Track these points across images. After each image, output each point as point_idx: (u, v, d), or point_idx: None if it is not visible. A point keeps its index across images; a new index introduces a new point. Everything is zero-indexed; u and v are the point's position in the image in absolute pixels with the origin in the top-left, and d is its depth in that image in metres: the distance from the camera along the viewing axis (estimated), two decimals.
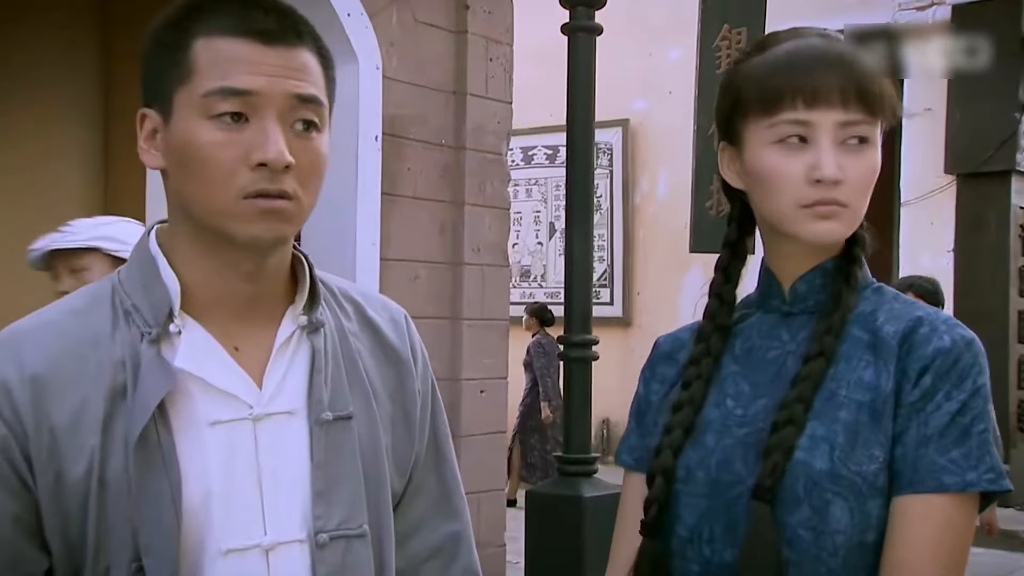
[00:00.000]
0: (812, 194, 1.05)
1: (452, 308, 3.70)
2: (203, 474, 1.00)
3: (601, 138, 8.33)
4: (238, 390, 1.03)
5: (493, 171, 3.82)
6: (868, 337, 1.09)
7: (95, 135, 5.05)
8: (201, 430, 1.01)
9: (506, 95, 3.85)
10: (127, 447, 0.97)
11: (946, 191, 6.98)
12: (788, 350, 1.11)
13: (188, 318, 1.03)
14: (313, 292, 1.08)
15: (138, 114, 1.03)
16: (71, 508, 0.97)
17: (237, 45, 0.99)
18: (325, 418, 1.05)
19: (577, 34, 3.37)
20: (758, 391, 1.10)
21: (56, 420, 0.97)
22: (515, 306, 8.45)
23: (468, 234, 3.71)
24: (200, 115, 0.98)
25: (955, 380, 1.03)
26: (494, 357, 3.82)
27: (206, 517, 1.00)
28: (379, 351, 1.14)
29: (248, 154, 0.97)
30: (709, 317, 1.15)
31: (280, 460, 1.03)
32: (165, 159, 1.01)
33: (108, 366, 0.99)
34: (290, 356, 1.06)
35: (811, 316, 1.11)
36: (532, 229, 9.13)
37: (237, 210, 0.98)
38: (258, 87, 0.98)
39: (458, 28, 3.71)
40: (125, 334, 1.00)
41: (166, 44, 1.01)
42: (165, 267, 1.03)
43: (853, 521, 1.02)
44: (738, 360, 1.13)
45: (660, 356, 1.21)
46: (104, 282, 1.06)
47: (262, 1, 1.02)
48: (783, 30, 1.12)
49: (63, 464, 0.97)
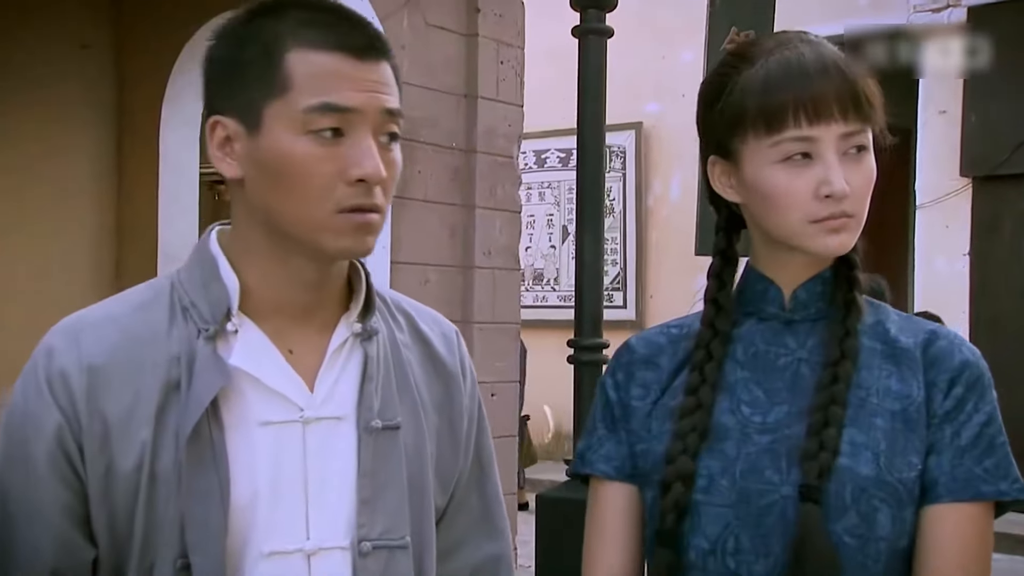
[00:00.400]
0: (821, 209, 1.05)
1: (463, 311, 3.69)
2: (251, 474, 1.00)
3: (614, 141, 8.31)
4: (290, 392, 1.04)
5: (504, 174, 3.81)
6: (882, 347, 1.10)
7: (108, 133, 5.06)
8: (251, 429, 1.01)
9: (517, 98, 3.85)
10: (178, 442, 0.98)
11: (962, 194, 6.93)
12: (799, 357, 1.10)
13: (245, 318, 1.04)
14: (369, 300, 1.09)
15: (208, 121, 1.03)
16: (119, 501, 0.99)
17: (333, 60, 0.99)
18: (374, 426, 1.05)
19: (588, 36, 3.36)
20: (775, 398, 1.09)
21: (109, 412, 0.99)
22: (529, 309, 8.47)
23: (479, 237, 3.70)
24: (297, 129, 0.99)
25: (980, 392, 1.07)
26: (505, 360, 3.81)
27: (252, 517, 1.00)
28: (429, 364, 1.15)
29: (345, 169, 0.99)
30: (708, 323, 1.13)
31: (326, 465, 1.04)
32: (246, 169, 1.02)
33: (163, 361, 1.01)
34: (342, 362, 1.07)
35: (813, 323, 1.11)
36: (545, 232, 9.12)
37: (332, 224, 0.99)
38: (358, 104, 0.99)
39: (469, 31, 3.71)
40: (182, 330, 1.02)
41: (250, 55, 1.01)
42: (226, 267, 1.05)
43: (894, 528, 1.03)
44: (744, 366, 1.11)
45: (638, 360, 1.17)
46: (163, 279, 1.08)
47: (349, 14, 1.03)
48: (765, 36, 1.11)
49: (114, 456, 0.99)
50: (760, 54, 1.08)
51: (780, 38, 1.09)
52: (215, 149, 1.04)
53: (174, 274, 1.08)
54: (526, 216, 8.86)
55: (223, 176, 1.05)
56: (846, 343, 1.07)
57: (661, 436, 1.11)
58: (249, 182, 1.03)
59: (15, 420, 1.01)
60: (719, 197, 1.15)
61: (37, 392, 1.00)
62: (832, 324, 1.09)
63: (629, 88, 6.48)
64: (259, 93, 1.00)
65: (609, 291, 8.54)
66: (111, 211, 5.12)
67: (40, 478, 0.99)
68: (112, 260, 5.11)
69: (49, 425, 0.99)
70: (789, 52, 1.06)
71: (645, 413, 1.14)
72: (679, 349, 1.16)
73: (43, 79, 4.90)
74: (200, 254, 1.07)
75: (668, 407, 1.12)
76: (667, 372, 1.15)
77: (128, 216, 5.06)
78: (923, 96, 7.08)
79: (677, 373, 1.14)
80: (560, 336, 3.57)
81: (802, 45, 1.07)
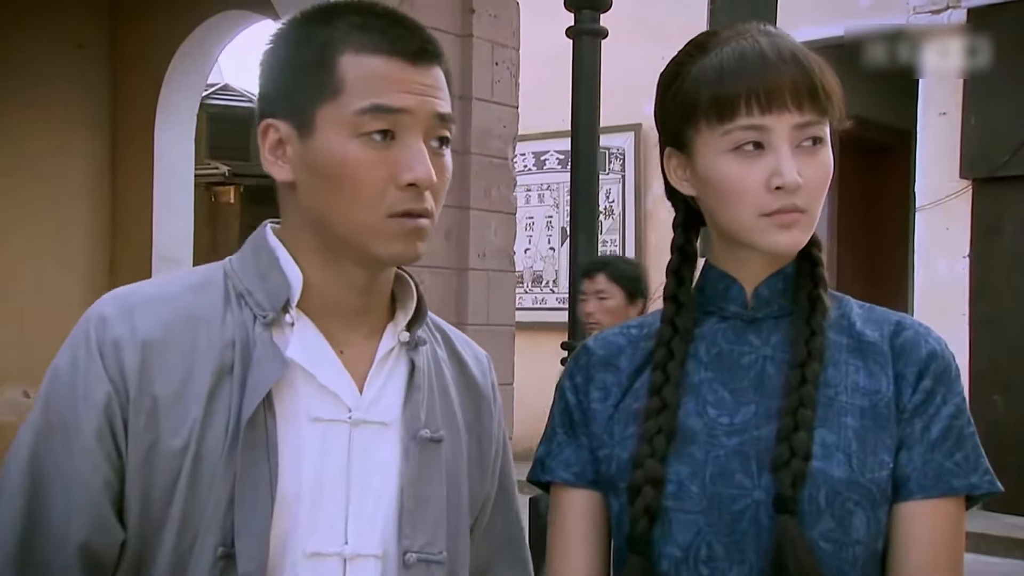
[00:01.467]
0: (772, 202, 1.02)
1: (457, 313, 3.67)
2: (297, 468, 0.99)
3: (613, 143, 8.29)
4: (341, 390, 1.03)
5: (499, 176, 3.79)
6: (848, 341, 1.07)
7: (103, 133, 5.06)
8: (300, 424, 1.01)
9: (512, 99, 3.83)
10: (229, 427, 0.97)
11: (962, 196, 6.90)
12: (764, 355, 1.07)
13: (301, 314, 1.04)
14: (419, 309, 1.08)
15: (261, 125, 1.04)
16: (157, 481, 0.97)
17: (386, 64, 1.00)
18: (423, 435, 1.05)
19: (582, 37, 3.35)
20: (742, 398, 1.06)
21: (159, 389, 0.97)
22: (528, 311, 8.46)
23: (474, 239, 3.68)
24: (349, 133, 0.99)
25: (948, 384, 1.04)
26: (500, 363, 3.78)
27: (295, 513, 0.99)
28: (463, 384, 1.14)
29: (396, 173, 0.99)
30: (668, 321, 1.11)
31: (369, 470, 1.03)
32: (298, 173, 1.02)
33: (218, 344, 1.00)
34: (389, 369, 1.07)
35: (777, 320, 1.08)
36: (544, 234, 9.11)
37: (383, 229, 0.99)
38: (409, 105, 0.99)
39: (463, 32, 3.69)
40: (237, 315, 1.01)
41: (303, 59, 1.01)
42: (287, 259, 1.04)
43: (870, 530, 1.01)
44: (708, 366, 1.08)
45: (596, 362, 1.14)
46: (215, 266, 1.07)
47: (401, 19, 1.03)
48: (722, 28, 1.08)
49: (160, 434, 0.97)
50: (717, 44, 1.06)
51: (739, 28, 1.07)
52: (267, 153, 1.04)
53: (225, 263, 1.07)
54: (525, 218, 8.85)
55: (276, 180, 1.04)
56: (812, 342, 1.04)
57: (624, 441, 1.08)
58: (301, 185, 1.02)
59: (60, 387, 0.99)
60: (677, 193, 1.12)
61: (88, 359, 0.97)
62: (797, 321, 1.07)
63: (628, 89, 6.45)
64: (311, 96, 1.00)
65: None
66: (106, 211, 5.12)
67: (84, 448, 0.96)
68: (106, 260, 5.10)
69: (99, 396, 0.96)
70: (745, 41, 1.04)
71: (606, 416, 1.11)
72: (638, 350, 1.13)
73: (40, 78, 4.90)
74: (256, 245, 1.07)
75: (630, 410, 1.09)
76: (626, 373, 1.12)
77: (122, 216, 5.06)
78: (923, 98, 7.06)
79: (637, 375, 1.11)
80: (559, 338, 3.55)
81: (760, 36, 1.05)
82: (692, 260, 1.14)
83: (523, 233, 8.75)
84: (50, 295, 4.97)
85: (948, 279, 6.92)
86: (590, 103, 3.37)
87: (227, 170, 8.87)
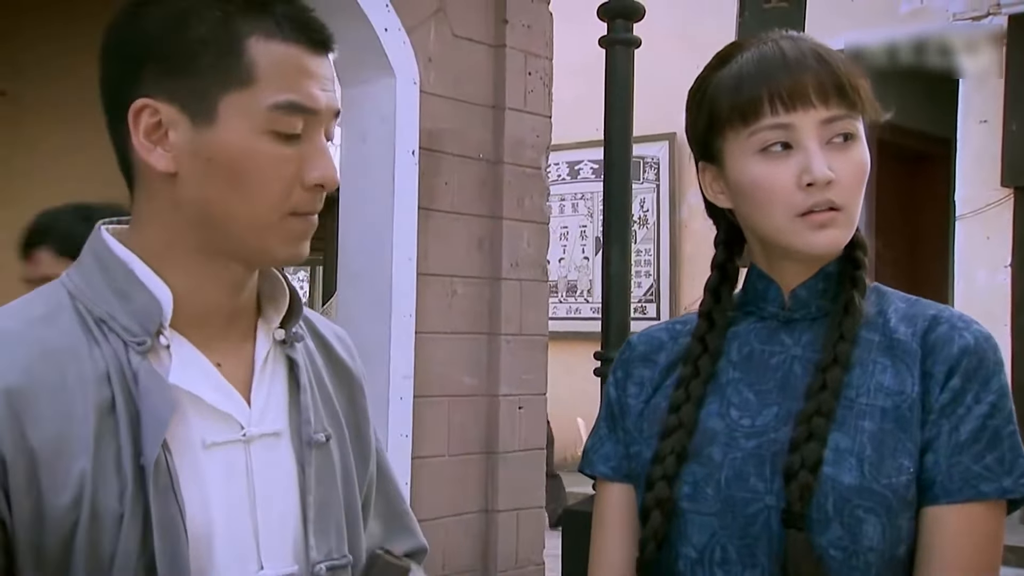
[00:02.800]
0: (805, 200, 1.00)
1: (490, 323, 3.67)
2: (203, 501, 0.92)
3: (647, 152, 8.26)
4: (230, 409, 0.96)
5: (532, 185, 3.79)
6: (880, 339, 1.04)
7: None
8: (196, 453, 0.93)
9: (545, 109, 3.82)
10: (124, 470, 0.87)
11: (1003, 204, 6.79)
12: (793, 355, 1.06)
13: (174, 332, 0.95)
14: (293, 304, 1.02)
15: (134, 105, 0.91)
16: (50, 543, 0.85)
17: (296, 54, 0.92)
18: (318, 439, 1.00)
19: (615, 47, 3.33)
20: (765, 399, 1.04)
21: (35, 441, 0.85)
22: (562, 321, 8.45)
23: (506, 249, 3.68)
24: (260, 127, 0.91)
25: (982, 380, 0.99)
26: (533, 373, 3.78)
27: (208, 549, 0.92)
28: (332, 369, 1.08)
29: (304, 173, 0.93)
30: (698, 338, 1.10)
31: (270, 486, 0.97)
32: (184, 163, 0.92)
33: (91, 379, 0.89)
34: (270, 373, 1.00)
35: (813, 321, 1.07)
36: (579, 244, 9.09)
37: (281, 228, 0.93)
38: (321, 104, 0.93)
39: (496, 42, 3.69)
40: (104, 344, 0.91)
41: (200, 36, 0.90)
42: (149, 275, 0.94)
43: (885, 537, 0.97)
44: (737, 366, 1.07)
45: (636, 357, 1.15)
46: (55, 287, 0.95)
47: (297, 0, 0.95)
48: (746, 39, 1.07)
49: (43, 492, 0.85)
50: (738, 52, 1.06)
51: (761, 37, 1.06)
52: (143, 137, 0.92)
53: (64, 282, 0.95)
54: (559, 227, 8.84)
55: (147, 169, 0.93)
56: (839, 347, 1.02)
57: (650, 440, 1.09)
58: (185, 178, 0.92)
59: None
60: (717, 209, 1.12)
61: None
62: (830, 325, 1.05)
63: (662, 99, 6.42)
64: (214, 81, 0.90)
65: (643, 303, 8.48)
66: None
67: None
68: None
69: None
70: (766, 47, 1.04)
71: (638, 412, 1.12)
72: (677, 345, 1.13)
73: (56, 81, 4.95)
74: (99, 258, 0.94)
75: (658, 409, 1.10)
76: (660, 369, 1.12)
77: None
78: (963, 105, 6.96)
79: (670, 371, 1.11)
80: (593, 348, 3.53)
81: (782, 40, 1.05)
82: (733, 279, 1.13)
83: (557, 243, 8.74)
84: None
85: (989, 289, 6.81)
86: (623, 112, 3.35)
87: None
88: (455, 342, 3.56)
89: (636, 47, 3.36)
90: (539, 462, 3.85)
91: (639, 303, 8.35)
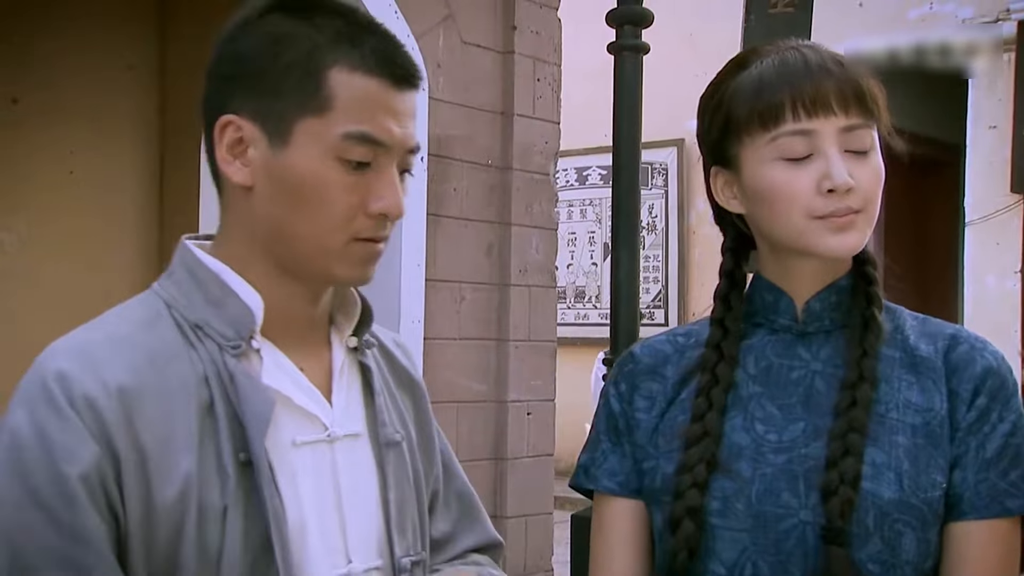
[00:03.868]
0: (825, 205, 1.00)
1: (499, 329, 3.67)
2: (296, 498, 0.97)
3: (656, 158, 8.26)
4: (316, 410, 1.01)
5: (540, 191, 3.79)
6: (902, 356, 1.05)
7: (151, 153, 5.14)
8: (286, 451, 0.97)
9: (554, 115, 3.83)
10: (226, 468, 0.92)
11: (1012, 210, 6.78)
12: (813, 369, 1.06)
13: (263, 338, 1.00)
14: (365, 313, 1.07)
15: (220, 120, 0.97)
16: (160, 536, 0.90)
17: (376, 87, 0.96)
18: (395, 439, 1.05)
19: (623, 53, 3.34)
20: (791, 414, 1.04)
21: (146, 438, 0.90)
22: (571, 327, 8.44)
23: (515, 255, 3.68)
24: (330, 153, 0.95)
25: (1004, 400, 1.02)
26: (541, 379, 3.78)
27: (302, 545, 0.96)
28: (395, 375, 1.13)
29: (369, 201, 0.96)
30: (713, 346, 1.09)
31: (353, 483, 1.02)
32: (260, 179, 0.97)
33: (192, 380, 0.94)
34: (346, 378, 1.05)
35: (828, 334, 1.07)
36: (587, 250, 9.09)
37: (345, 252, 0.97)
38: (394, 139, 0.96)
39: (505, 48, 3.70)
40: (200, 348, 0.96)
41: (285, 61, 0.95)
42: (240, 283, 0.98)
43: (920, 550, 0.99)
44: (756, 380, 1.07)
45: (642, 370, 1.12)
46: (149, 297, 1.00)
47: (389, 35, 0.99)
48: (761, 46, 1.07)
49: (152, 489, 0.90)
50: (757, 58, 1.05)
51: (779, 44, 1.06)
52: (225, 151, 0.97)
53: (158, 291, 1.00)
54: (567, 233, 8.84)
55: (228, 182, 0.98)
56: (864, 363, 1.02)
57: (670, 455, 1.07)
58: (260, 193, 0.97)
59: (29, 456, 0.88)
60: (725, 216, 1.11)
61: (61, 421, 0.88)
62: (849, 340, 1.05)
63: (671, 105, 6.43)
64: (293, 105, 0.95)
65: (651, 309, 8.47)
66: (153, 229, 5.19)
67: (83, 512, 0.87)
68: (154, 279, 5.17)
69: (86, 456, 0.87)
70: (788, 53, 1.04)
71: (651, 428, 1.10)
72: (684, 359, 1.11)
73: (87, 95, 4.99)
74: (192, 272, 1.00)
75: (676, 423, 1.08)
76: (671, 383, 1.11)
77: (168, 234, 5.13)
78: (972, 111, 6.95)
79: (683, 385, 1.10)
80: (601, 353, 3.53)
81: (803, 47, 1.05)
82: (741, 286, 1.12)
83: (565, 249, 8.74)
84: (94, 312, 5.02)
85: (999, 295, 6.79)
86: (632, 118, 3.36)
87: None
88: (463, 348, 3.57)
89: (645, 53, 3.37)
90: (547, 468, 3.85)
91: (647, 309, 8.34)
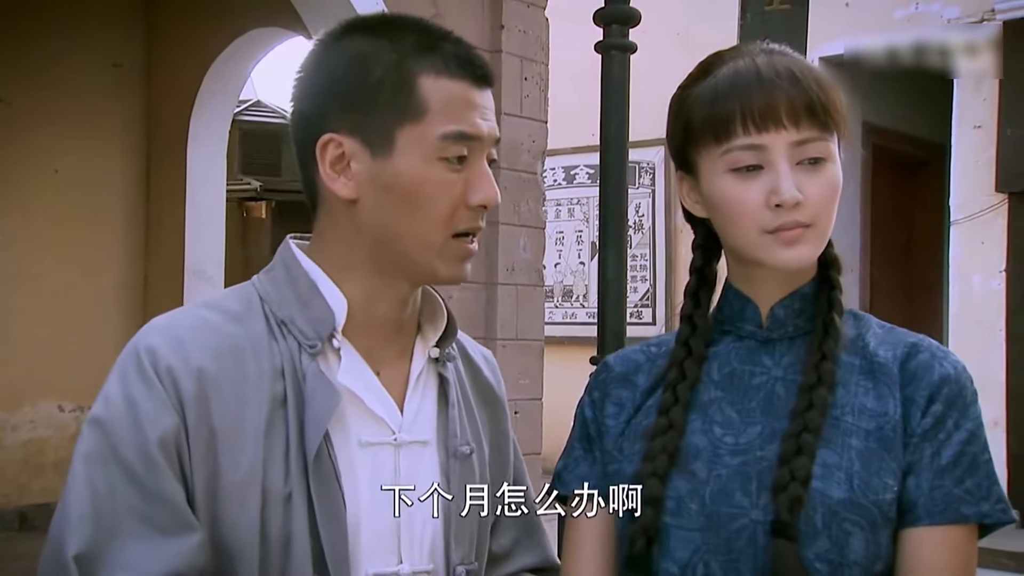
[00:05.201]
0: (773, 219, 1.02)
1: (486, 328, 3.68)
2: (355, 494, 1.01)
3: (643, 157, 8.28)
4: (384, 414, 1.05)
5: (528, 190, 3.80)
6: (861, 362, 1.06)
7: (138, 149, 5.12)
8: (352, 449, 1.03)
9: (541, 114, 3.84)
10: (289, 460, 0.98)
11: (997, 210, 6.81)
12: (775, 376, 1.07)
13: (344, 339, 1.05)
14: (450, 325, 1.11)
15: (321, 140, 1.03)
16: (224, 512, 0.96)
17: (461, 87, 1.02)
18: (463, 451, 1.08)
19: (611, 52, 3.33)
20: (749, 418, 1.05)
21: (216, 421, 0.97)
22: (559, 326, 8.45)
23: (502, 253, 3.69)
24: (433, 154, 1.01)
25: (961, 408, 1.02)
26: (529, 378, 3.79)
27: (357, 539, 1.01)
28: (477, 390, 1.17)
29: (468, 194, 1.03)
30: (682, 342, 1.11)
31: (415, 489, 1.05)
32: (365, 190, 1.02)
33: (268, 373, 1.00)
34: (422, 387, 1.09)
35: (792, 341, 1.08)
36: (575, 249, 9.10)
37: (447, 249, 1.03)
38: (483, 132, 1.03)
39: (492, 47, 3.71)
40: (282, 344, 1.02)
41: (378, 76, 1.02)
42: (329, 285, 1.05)
43: (868, 552, 0.99)
44: (719, 386, 1.08)
45: (615, 378, 1.15)
46: (247, 289, 1.07)
47: (460, 40, 1.06)
48: (727, 49, 1.08)
49: (220, 467, 0.96)
50: (719, 64, 1.06)
51: (742, 49, 1.07)
52: (328, 168, 1.03)
53: (256, 284, 1.07)
54: (555, 232, 8.84)
55: (332, 196, 1.03)
56: (823, 367, 1.03)
57: (632, 457, 1.08)
58: (365, 203, 1.03)
59: (119, 421, 0.95)
60: (694, 215, 1.12)
61: (148, 389, 0.96)
62: (810, 344, 1.06)
63: (658, 104, 6.43)
64: (391, 116, 1.01)
65: (639, 308, 8.48)
66: (139, 226, 5.17)
67: (163, 475, 0.94)
68: (140, 275, 5.16)
69: (167, 424, 0.95)
70: (743, 61, 1.04)
71: (618, 432, 1.12)
72: (655, 367, 1.13)
73: (74, 94, 4.97)
74: (288, 269, 1.06)
75: (640, 427, 1.09)
76: (641, 391, 1.12)
77: (155, 231, 5.11)
78: (957, 111, 6.98)
79: (651, 392, 1.11)
80: (589, 353, 3.53)
81: (759, 55, 1.05)
82: (711, 283, 1.14)
83: (553, 248, 8.75)
84: (83, 310, 5.03)
85: (984, 294, 6.82)
86: (619, 118, 3.36)
87: (259, 185, 8.95)
88: None
89: (632, 52, 3.37)
90: (535, 467, 3.85)
91: (635, 308, 8.36)
